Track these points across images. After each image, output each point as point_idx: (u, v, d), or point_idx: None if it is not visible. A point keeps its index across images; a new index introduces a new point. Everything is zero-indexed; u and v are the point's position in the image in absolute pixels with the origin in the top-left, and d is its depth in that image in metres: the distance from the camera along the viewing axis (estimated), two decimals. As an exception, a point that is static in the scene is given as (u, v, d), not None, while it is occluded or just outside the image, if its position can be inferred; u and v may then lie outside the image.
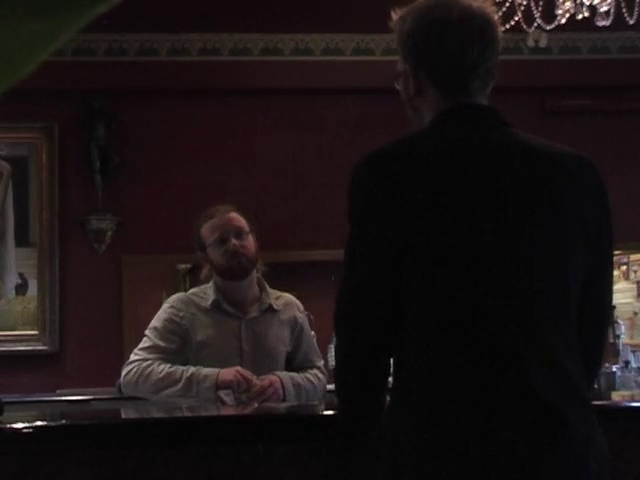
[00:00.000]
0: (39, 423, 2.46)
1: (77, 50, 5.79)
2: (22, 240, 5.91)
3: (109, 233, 5.90)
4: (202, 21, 5.89)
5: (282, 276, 3.47)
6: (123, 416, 2.91)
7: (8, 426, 2.30)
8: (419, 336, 1.79)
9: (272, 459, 2.33)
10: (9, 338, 5.82)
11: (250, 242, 3.29)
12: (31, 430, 2.31)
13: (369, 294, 1.81)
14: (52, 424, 2.51)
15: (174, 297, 3.40)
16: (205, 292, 3.33)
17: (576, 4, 3.90)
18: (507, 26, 3.95)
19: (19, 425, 2.33)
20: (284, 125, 6.18)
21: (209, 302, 3.26)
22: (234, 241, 3.24)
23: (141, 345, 3.27)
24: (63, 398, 4.76)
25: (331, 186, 6.12)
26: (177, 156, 6.04)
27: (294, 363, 3.36)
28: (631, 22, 3.88)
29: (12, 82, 0.48)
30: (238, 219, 3.31)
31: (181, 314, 3.25)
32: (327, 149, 6.18)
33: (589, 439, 1.76)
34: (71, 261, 5.91)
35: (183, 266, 5.80)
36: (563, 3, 3.91)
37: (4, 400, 2.38)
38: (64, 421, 2.67)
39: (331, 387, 3.76)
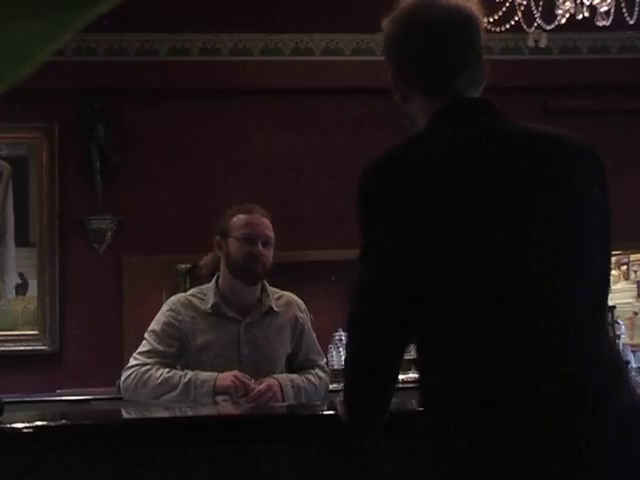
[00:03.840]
0: (39, 423, 2.46)
1: (77, 50, 5.79)
2: (22, 240, 5.91)
3: (109, 233, 5.89)
4: (202, 21, 5.89)
5: (281, 276, 3.47)
6: (123, 416, 2.91)
7: (8, 426, 2.30)
8: (445, 332, 1.79)
9: (272, 459, 2.32)
10: (9, 338, 5.82)
11: (271, 254, 3.31)
12: (31, 430, 2.31)
13: (382, 297, 1.82)
14: (52, 424, 2.51)
15: (174, 299, 3.39)
16: (205, 294, 3.32)
17: (576, 4, 3.89)
18: (507, 26, 3.95)
19: (19, 425, 2.33)
20: (284, 125, 6.18)
21: (209, 305, 3.26)
22: (260, 247, 3.26)
23: (140, 349, 3.26)
24: (63, 398, 4.76)
25: (331, 186, 6.14)
26: (177, 156, 6.04)
27: (295, 363, 3.37)
28: (631, 22, 3.88)
29: (12, 82, 0.48)
30: (269, 229, 3.33)
31: (180, 317, 3.25)
32: (327, 149, 6.18)
33: (631, 405, 1.75)
34: (71, 261, 5.91)
35: (183, 266, 5.81)
36: (563, 3, 3.90)
37: (4, 400, 2.38)
38: (64, 421, 2.67)
39: (333, 387, 3.77)
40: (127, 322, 5.72)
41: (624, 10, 3.99)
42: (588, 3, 3.86)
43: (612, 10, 3.88)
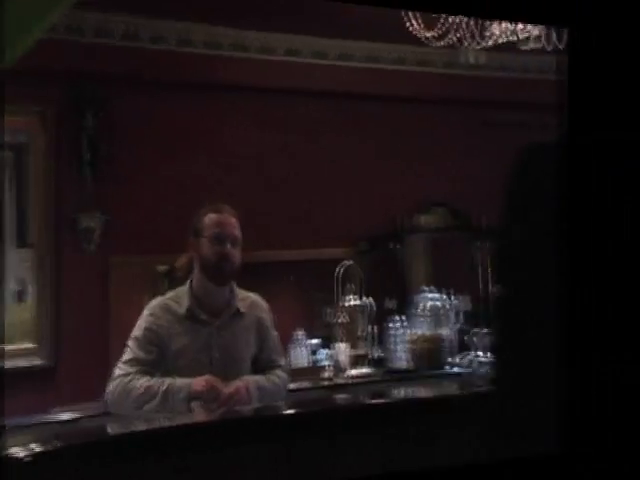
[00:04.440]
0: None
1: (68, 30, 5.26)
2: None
3: (97, 232, 5.21)
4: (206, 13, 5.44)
5: (242, 276, 3.26)
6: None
7: None
8: None
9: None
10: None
11: (239, 254, 3.16)
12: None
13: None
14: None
15: (153, 303, 3.26)
16: (180, 296, 3.19)
17: (505, 30, 3.84)
18: (447, 42, 3.84)
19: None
20: (270, 123, 5.86)
21: (184, 309, 3.16)
22: (229, 247, 3.09)
23: (124, 357, 3.17)
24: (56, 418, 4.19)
25: (292, 187, 5.86)
26: (165, 152, 5.56)
27: (258, 363, 3.27)
28: (549, 49, 3.80)
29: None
30: (237, 228, 3.17)
31: (159, 322, 3.13)
32: (292, 148, 5.88)
33: None
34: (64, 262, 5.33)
35: (162, 267, 5.36)
36: (492, 27, 3.85)
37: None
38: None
39: (293, 386, 3.53)
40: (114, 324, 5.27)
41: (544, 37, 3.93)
42: (512, 28, 3.81)
43: (535, 36, 3.83)
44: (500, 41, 3.94)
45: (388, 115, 6.09)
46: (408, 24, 3.77)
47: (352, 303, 4.04)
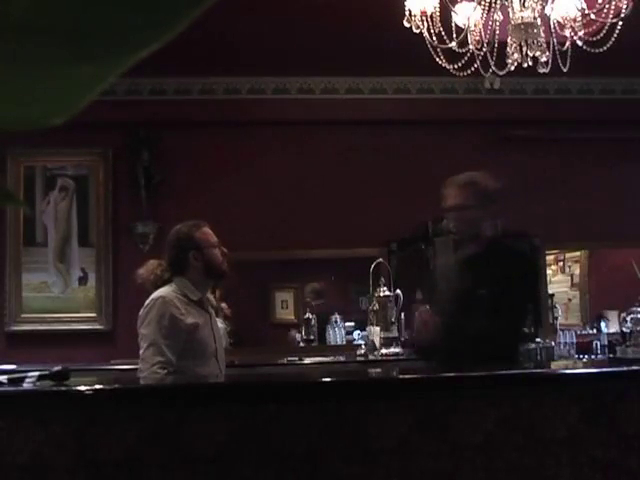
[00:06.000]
0: (97, 387, 2.45)
1: (127, 91, 5.78)
2: (84, 241, 5.91)
3: (151, 236, 5.88)
4: (226, 66, 5.86)
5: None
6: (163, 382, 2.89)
7: (73, 388, 2.30)
8: None
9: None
10: (73, 319, 5.81)
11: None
12: (91, 392, 2.30)
13: None
14: (107, 387, 2.50)
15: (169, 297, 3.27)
16: (182, 289, 3.21)
17: (522, 55, 3.90)
18: (468, 71, 3.95)
19: (82, 388, 2.32)
20: (289, 150, 6.15)
21: (196, 297, 3.20)
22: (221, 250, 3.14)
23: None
24: (116, 367, 4.74)
25: (325, 200, 6.11)
26: (204, 175, 6.02)
27: None
28: (565, 70, 3.88)
29: (68, 117, 0.47)
30: None
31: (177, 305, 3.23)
32: (324, 172, 6.15)
33: None
34: (121, 258, 5.89)
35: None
36: (512, 54, 3.92)
37: (70, 368, 2.38)
38: (116, 385, 2.66)
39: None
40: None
41: (559, 60, 4.00)
42: (531, 55, 3.87)
43: (550, 60, 3.89)
44: (523, 66, 4.02)
45: (416, 137, 6.23)
46: (437, 60, 3.86)
47: (383, 294, 4.17)
